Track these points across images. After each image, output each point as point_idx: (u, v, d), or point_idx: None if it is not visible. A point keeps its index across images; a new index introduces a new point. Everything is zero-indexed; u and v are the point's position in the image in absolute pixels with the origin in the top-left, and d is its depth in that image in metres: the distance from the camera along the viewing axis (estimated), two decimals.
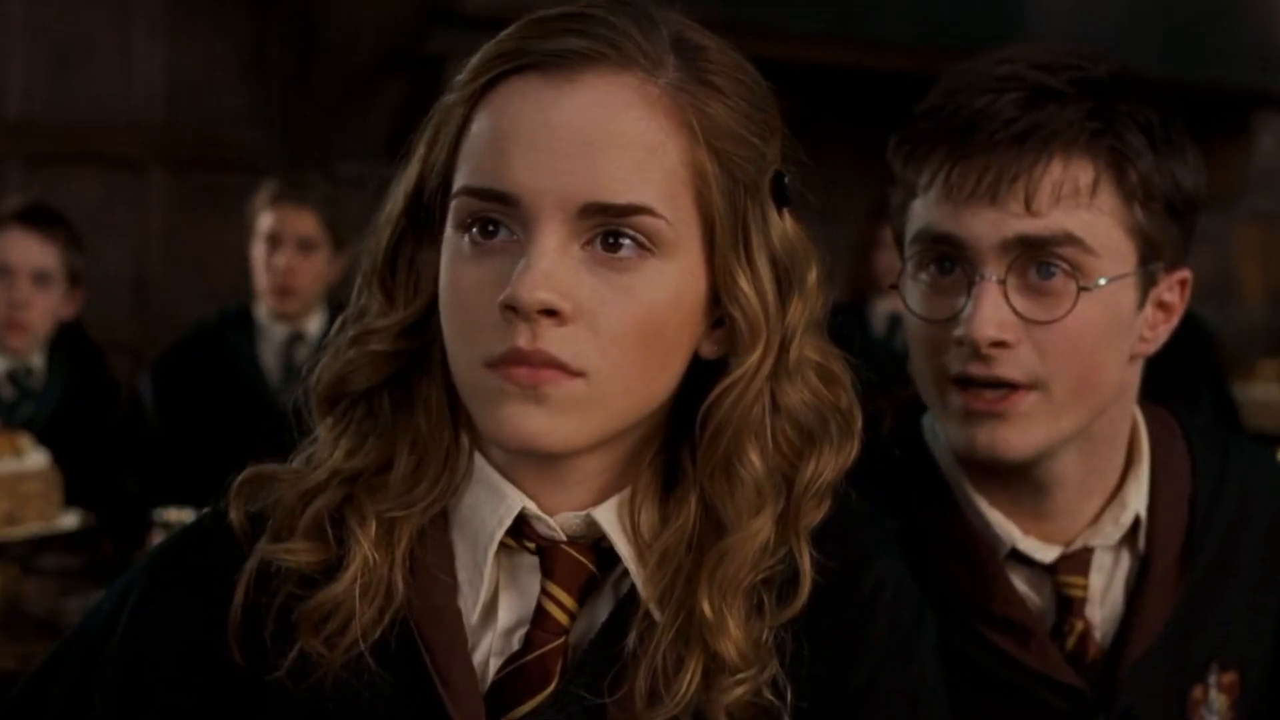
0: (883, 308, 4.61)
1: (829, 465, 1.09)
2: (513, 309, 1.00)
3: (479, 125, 1.05)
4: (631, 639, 1.07)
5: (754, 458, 1.07)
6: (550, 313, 1.00)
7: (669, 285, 1.04)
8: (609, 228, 1.02)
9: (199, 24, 5.00)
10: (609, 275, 1.02)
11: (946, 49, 1.35)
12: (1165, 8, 5.90)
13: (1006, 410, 1.31)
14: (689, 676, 1.05)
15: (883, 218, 4.45)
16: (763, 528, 1.07)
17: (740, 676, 1.06)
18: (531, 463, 1.08)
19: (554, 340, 1.01)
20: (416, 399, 1.11)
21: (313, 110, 4.97)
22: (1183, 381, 3.58)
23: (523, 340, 1.01)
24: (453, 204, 1.05)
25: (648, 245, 1.03)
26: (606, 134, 1.02)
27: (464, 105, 1.06)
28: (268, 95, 5.08)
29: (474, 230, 1.04)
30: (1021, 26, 5.20)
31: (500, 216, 1.03)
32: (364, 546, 1.07)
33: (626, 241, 1.03)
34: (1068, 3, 5.68)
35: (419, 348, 1.11)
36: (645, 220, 1.02)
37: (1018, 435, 1.32)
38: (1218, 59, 6.01)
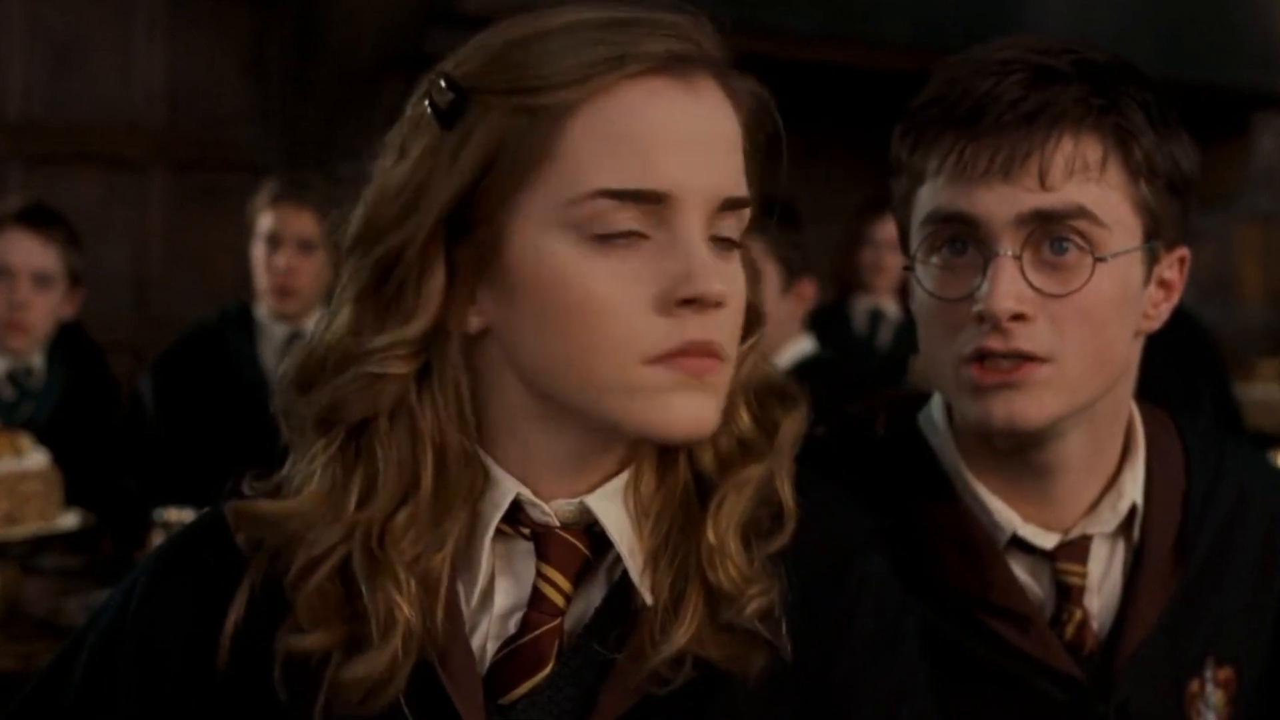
0: (864, 305, 4.62)
1: (802, 414, 1.17)
2: (693, 302, 1.05)
3: (596, 124, 1.05)
4: (628, 620, 1.11)
5: (744, 414, 1.14)
6: (718, 303, 1.06)
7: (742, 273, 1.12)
8: (724, 220, 1.09)
9: (199, 24, 5.01)
10: (728, 265, 1.09)
11: (945, 49, 1.36)
12: (1165, 7, 5.91)
13: (1021, 380, 1.32)
14: (690, 608, 1.09)
15: (868, 215, 4.46)
16: (756, 473, 1.13)
17: (744, 597, 1.10)
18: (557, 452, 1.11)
19: (717, 329, 1.07)
20: (434, 415, 1.09)
21: (313, 110, 4.98)
22: (1184, 381, 3.59)
23: (699, 332, 1.05)
24: (573, 207, 1.05)
25: (737, 238, 1.10)
26: (724, 133, 1.09)
27: (557, 113, 1.05)
28: (268, 95, 5.09)
29: (599, 230, 1.05)
30: (1021, 26, 5.21)
31: (634, 215, 1.06)
32: (405, 611, 1.07)
33: (731, 234, 1.09)
34: (1067, 2, 5.69)
35: (427, 361, 1.10)
36: (745, 213, 1.11)
37: (1035, 406, 1.33)
38: (1218, 59, 6.02)
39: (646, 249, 1.06)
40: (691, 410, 1.06)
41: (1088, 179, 1.32)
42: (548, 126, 1.05)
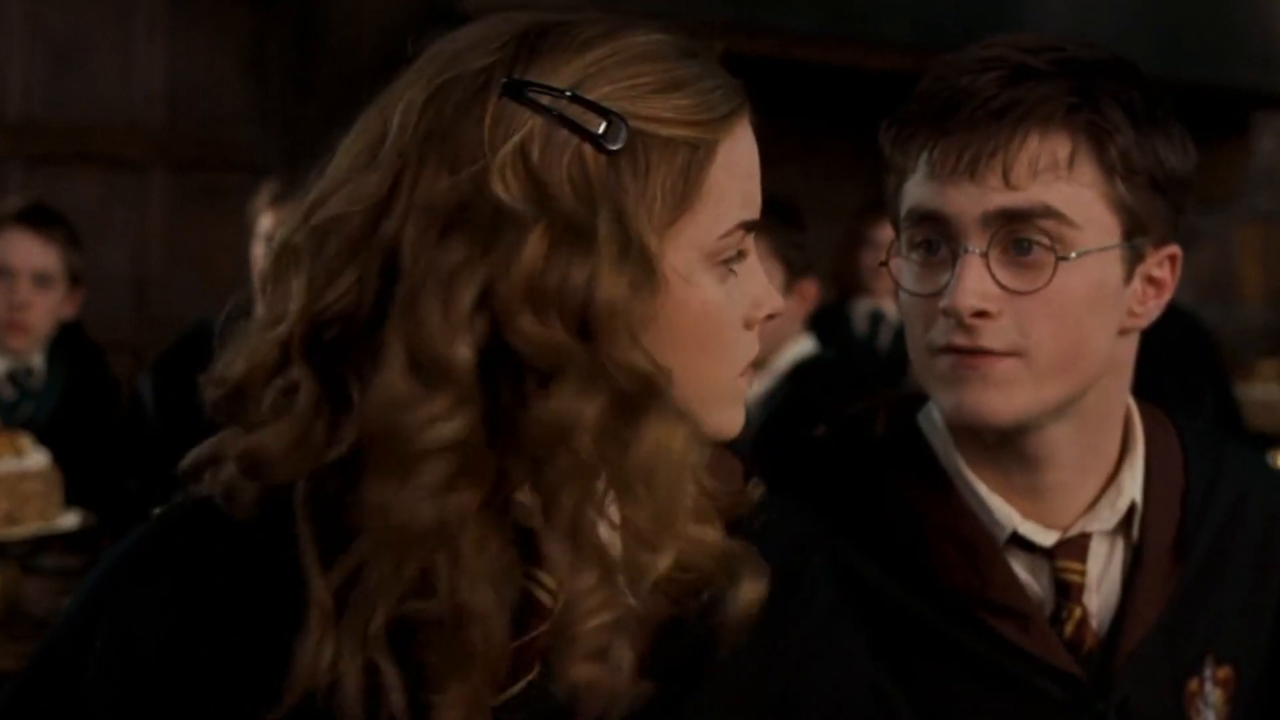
0: (864, 307, 4.62)
1: None
2: (769, 318, 1.14)
3: (730, 160, 1.09)
4: None
5: None
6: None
7: None
8: None
9: (199, 24, 5.01)
10: None
11: (945, 49, 1.37)
12: (1165, 7, 5.91)
13: (987, 371, 1.34)
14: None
15: (869, 216, 4.46)
16: None
17: (718, 500, 1.14)
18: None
19: None
20: None
21: (313, 110, 4.98)
22: (1185, 382, 3.59)
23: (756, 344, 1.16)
24: (721, 239, 1.09)
25: None
26: None
27: (711, 147, 1.08)
28: (268, 95, 5.09)
29: (725, 258, 1.11)
30: (1021, 26, 5.21)
31: (742, 242, 1.12)
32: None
33: None
34: (1067, 2, 5.70)
35: None
36: None
37: (1002, 400, 1.34)
38: (1218, 59, 6.03)
39: (736, 271, 1.11)
40: (741, 414, 1.16)
41: (1055, 177, 1.32)
42: (703, 159, 1.07)
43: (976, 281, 1.32)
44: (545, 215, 1.02)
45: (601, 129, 1.04)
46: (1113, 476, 1.44)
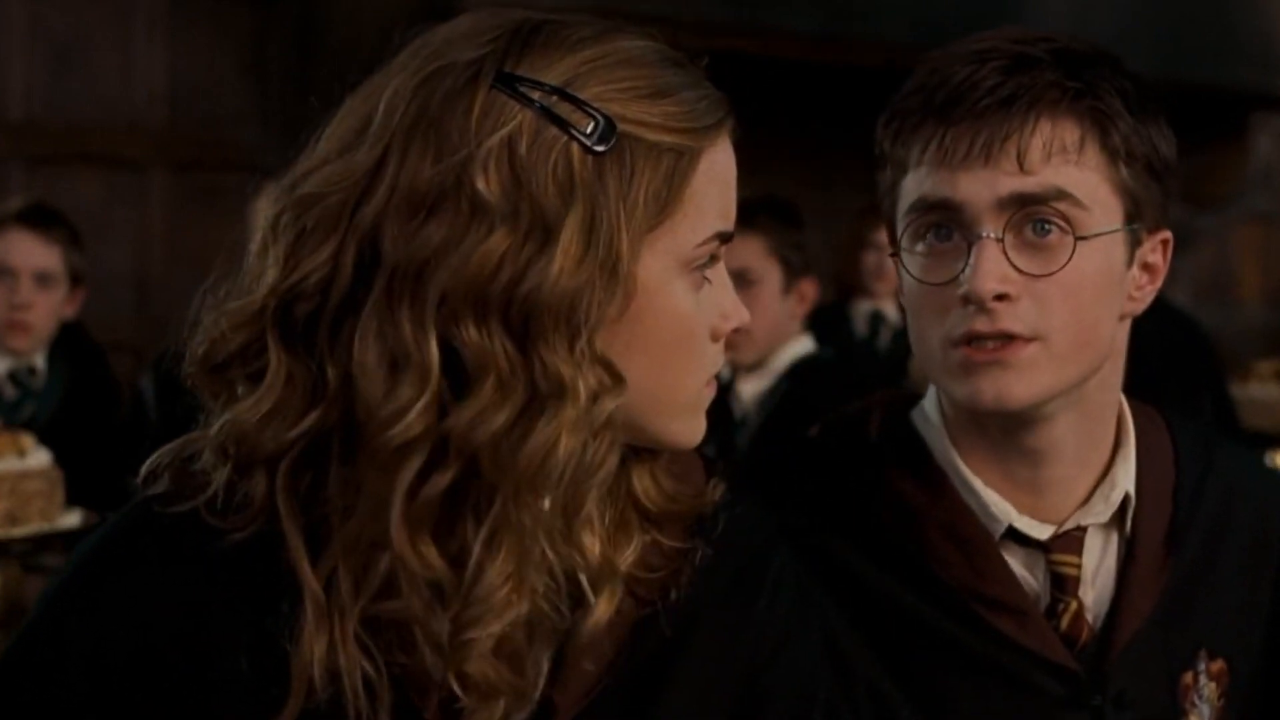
0: (864, 308, 4.62)
1: None
2: (737, 330, 1.16)
3: (711, 171, 1.10)
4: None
5: None
6: None
7: None
8: None
9: (199, 24, 5.01)
10: None
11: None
12: (1165, 7, 5.92)
13: (1007, 358, 1.34)
14: (632, 530, 1.15)
15: (870, 218, 4.45)
16: None
17: (679, 498, 1.17)
18: None
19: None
20: None
21: (313, 110, 4.98)
22: (1183, 385, 3.60)
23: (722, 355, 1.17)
24: (698, 248, 1.09)
25: None
26: None
27: (694, 156, 1.09)
28: (268, 95, 5.09)
29: (699, 267, 1.11)
30: (1019, 26, 5.21)
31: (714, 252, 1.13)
32: None
33: None
34: (1067, 3, 5.70)
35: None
36: None
37: (1022, 384, 1.35)
38: (1216, 59, 6.03)
39: (708, 283, 1.12)
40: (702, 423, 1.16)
41: (1066, 161, 1.34)
42: (686, 168, 1.08)
43: (994, 265, 1.33)
44: (516, 213, 1.02)
45: (590, 129, 1.04)
46: (1107, 470, 1.45)
